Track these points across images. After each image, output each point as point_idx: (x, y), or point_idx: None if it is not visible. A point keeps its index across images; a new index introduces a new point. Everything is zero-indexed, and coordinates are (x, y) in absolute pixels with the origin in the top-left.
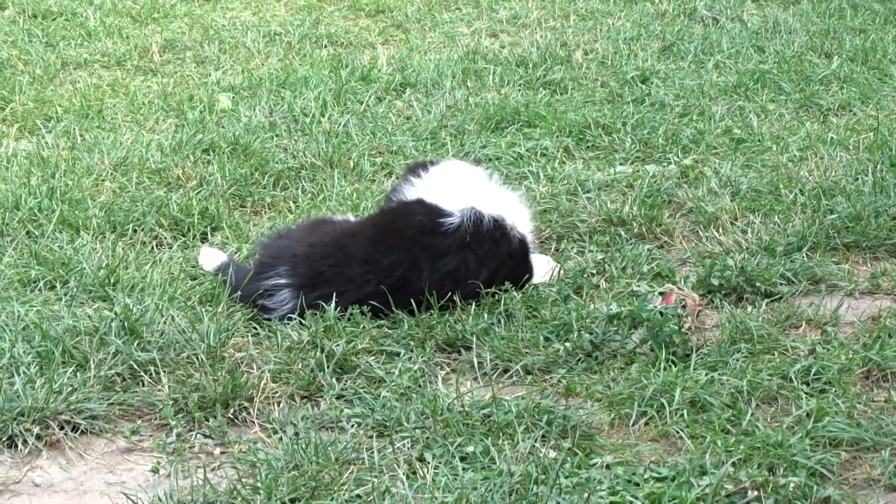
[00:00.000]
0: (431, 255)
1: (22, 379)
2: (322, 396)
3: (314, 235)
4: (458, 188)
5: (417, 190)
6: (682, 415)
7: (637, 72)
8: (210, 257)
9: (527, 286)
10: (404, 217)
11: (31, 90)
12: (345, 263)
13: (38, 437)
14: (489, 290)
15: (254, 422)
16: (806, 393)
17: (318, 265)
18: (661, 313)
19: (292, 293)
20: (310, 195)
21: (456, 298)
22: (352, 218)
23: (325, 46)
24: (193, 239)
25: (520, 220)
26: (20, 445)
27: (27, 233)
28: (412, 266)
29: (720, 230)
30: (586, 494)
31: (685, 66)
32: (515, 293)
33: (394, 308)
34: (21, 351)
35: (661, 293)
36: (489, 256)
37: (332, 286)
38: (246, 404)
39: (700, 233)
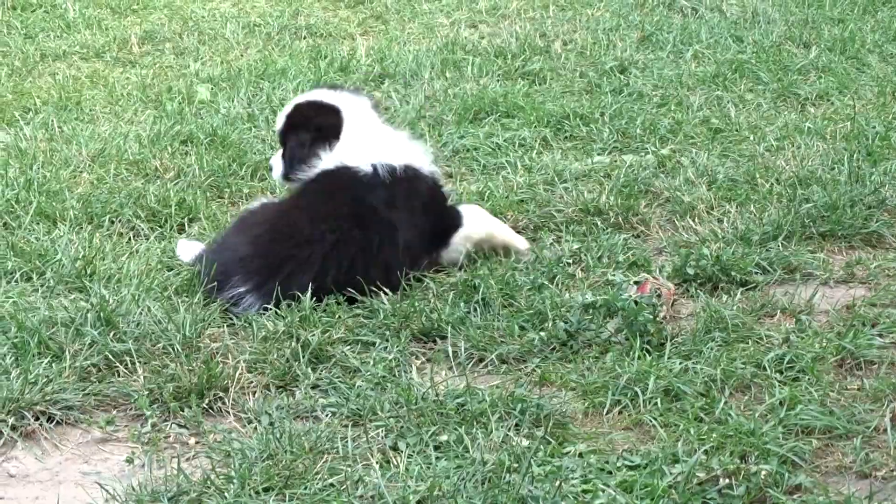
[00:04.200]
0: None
1: None
2: (297, 386)
3: (247, 232)
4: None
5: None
6: (655, 403)
7: (616, 62)
8: (187, 249)
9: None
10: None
11: (10, 82)
12: (296, 235)
13: (14, 428)
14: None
15: (229, 412)
16: (779, 381)
17: (273, 255)
18: (636, 302)
19: (256, 296)
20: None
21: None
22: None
23: (305, 37)
24: (171, 230)
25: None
26: None
27: (4, 224)
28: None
29: (696, 220)
30: (558, 482)
31: (664, 56)
32: (492, 281)
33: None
34: None
35: (636, 282)
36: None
37: (300, 267)
38: (221, 394)
39: (676, 222)
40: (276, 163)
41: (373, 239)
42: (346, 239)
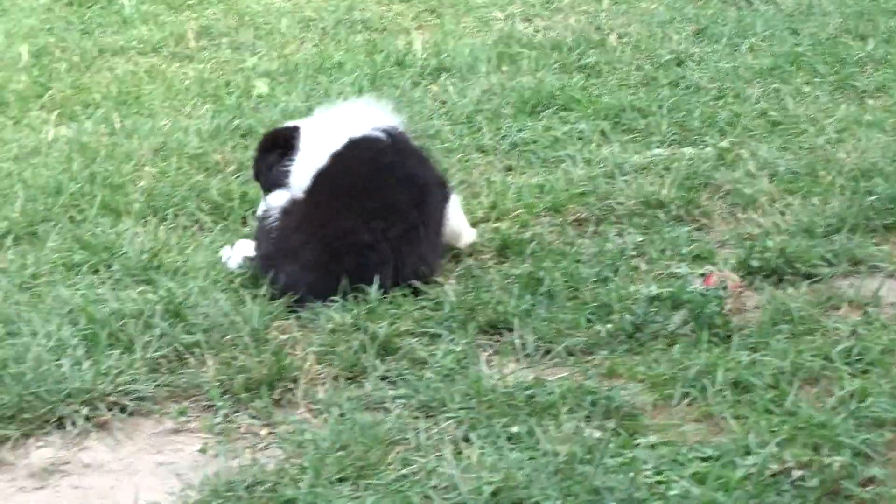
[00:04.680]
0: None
1: (70, 361)
2: (366, 377)
3: (299, 256)
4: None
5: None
6: (724, 395)
7: (671, 55)
8: (233, 253)
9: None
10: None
11: (69, 77)
12: (357, 243)
13: (87, 419)
14: None
15: (299, 403)
16: (849, 373)
17: (344, 271)
18: (702, 295)
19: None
20: None
21: None
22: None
23: (360, 32)
24: (234, 223)
25: None
26: (69, 426)
27: (70, 217)
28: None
29: (759, 212)
30: (632, 474)
31: (719, 48)
32: (557, 274)
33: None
34: (68, 334)
35: (701, 275)
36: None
37: (376, 270)
38: (291, 385)
39: (738, 215)
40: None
41: (432, 211)
42: (408, 226)
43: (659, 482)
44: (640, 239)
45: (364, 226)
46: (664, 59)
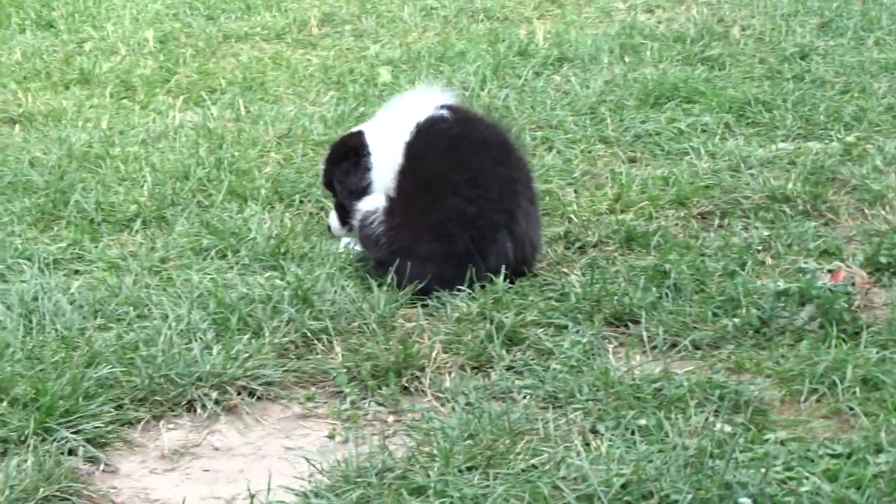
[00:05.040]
0: None
1: (200, 344)
2: (492, 367)
3: (420, 251)
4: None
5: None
6: (853, 392)
7: (796, 48)
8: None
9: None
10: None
11: (195, 62)
12: (475, 222)
13: (217, 402)
14: None
15: (425, 391)
16: None
17: (470, 260)
18: (830, 290)
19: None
20: None
21: None
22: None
23: (482, 21)
24: None
25: None
26: (199, 410)
27: (197, 202)
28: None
29: (887, 208)
30: (763, 470)
31: (844, 42)
32: (684, 267)
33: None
34: (197, 318)
35: (829, 270)
36: None
37: (506, 253)
38: (418, 374)
39: (866, 210)
40: (333, 219)
41: (517, 165)
42: (501, 183)
43: (790, 478)
44: (767, 233)
45: (463, 199)
46: (788, 53)
